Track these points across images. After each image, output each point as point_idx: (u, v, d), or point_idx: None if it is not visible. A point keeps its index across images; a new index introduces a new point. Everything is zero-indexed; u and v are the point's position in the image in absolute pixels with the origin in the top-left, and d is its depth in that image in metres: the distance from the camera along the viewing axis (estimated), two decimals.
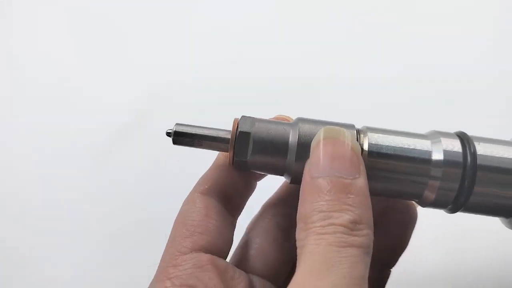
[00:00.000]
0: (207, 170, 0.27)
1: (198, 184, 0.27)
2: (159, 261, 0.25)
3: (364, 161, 0.23)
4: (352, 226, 0.20)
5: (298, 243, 0.21)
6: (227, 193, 0.26)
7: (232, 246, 0.27)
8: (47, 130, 0.52)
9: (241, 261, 0.27)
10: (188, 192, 0.26)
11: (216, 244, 0.24)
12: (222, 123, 0.25)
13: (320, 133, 0.23)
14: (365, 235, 0.21)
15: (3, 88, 0.56)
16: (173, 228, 0.25)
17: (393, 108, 0.51)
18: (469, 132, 0.25)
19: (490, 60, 0.53)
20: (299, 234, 0.22)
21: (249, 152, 0.24)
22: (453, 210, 0.24)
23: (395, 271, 0.31)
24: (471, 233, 0.41)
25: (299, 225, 0.22)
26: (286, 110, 0.51)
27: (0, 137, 0.52)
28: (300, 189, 0.23)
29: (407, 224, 0.29)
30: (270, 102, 0.52)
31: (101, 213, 0.47)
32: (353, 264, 0.20)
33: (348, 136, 0.23)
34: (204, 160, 0.28)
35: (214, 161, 0.27)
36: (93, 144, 0.51)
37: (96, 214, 0.47)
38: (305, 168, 0.23)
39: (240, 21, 0.59)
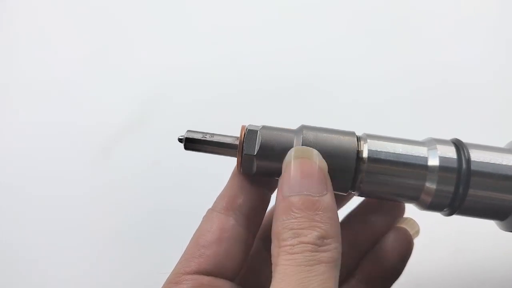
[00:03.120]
0: (224, 188, 0.28)
1: (216, 202, 0.28)
2: (160, 260, 0.26)
3: (364, 166, 0.24)
4: (320, 242, 0.22)
5: (272, 260, 0.23)
6: (244, 209, 0.27)
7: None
8: (47, 130, 0.52)
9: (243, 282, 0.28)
10: (189, 192, 0.27)
11: (223, 267, 0.25)
12: (222, 123, 0.26)
13: (291, 153, 0.24)
14: (333, 249, 0.22)
15: (3, 88, 0.56)
16: (188, 244, 0.26)
17: (392, 106, 0.51)
18: (466, 130, 0.25)
19: (489, 59, 0.53)
20: (273, 250, 0.23)
21: (256, 147, 0.25)
22: (449, 213, 0.26)
23: None
24: (471, 234, 0.41)
25: (273, 242, 0.23)
26: (286, 109, 0.51)
27: (0, 136, 0.52)
28: (274, 207, 0.24)
29: (403, 254, 0.31)
30: (270, 101, 0.52)
31: (101, 213, 0.47)
32: (322, 281, 0.21)
33: (316, 156, 0.24)
34: (205, 159, 0.28)
35: (229, 178, 0.28)
36: (93, 144, 0.51)
37: (96, 213, 0.47)
38: (278, 187, 0.24)
39: (239, 21, 0.59)
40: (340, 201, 0.31)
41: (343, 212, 0.32)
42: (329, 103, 0.52)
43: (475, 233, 0.40)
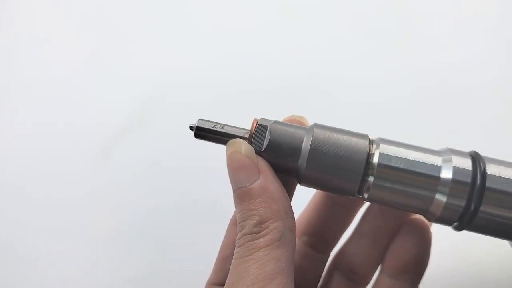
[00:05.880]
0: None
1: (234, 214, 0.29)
2: (160, 260, 0.27)
3: (374, 171, 0.24)
4: (257, 230, 0.23)
5: None
6: None
7: None
8: (47, 130, 0.52)
9: None
10: (188, 192, 0.27)
11: None
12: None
13: (226, 149, 0.25)
14: (272, 230, 0.22)
15: (3, 88, 0.56)
16: (218, 253, 0.29)
17: (392, 106, 0.51)
18: (466, 130, 0.25)
19: (489, 59, 0.53)
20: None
21: (264, 143, 0.25)
22: (458, 228, 0.25)
23: None
24: (472, 234, 0.41)
25: None
26: (286, 109, 0.51)
27: (0, 136, 0.52)
28: None
29: (422, 243, 0.30)
30: (270, 101, 0.52)
31: (101, 213, 0.47)
32: (260, 266, 0.22)
33: (241, 144, 0.24)
34: (204, 159, 0.28)
35: None
36: (93, 144, 0.51)
37: (96, 214, 0.47)
38: None
39: (239, 21, 0.59)
40: (353, 207, 0.31)
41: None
42: (329, 103, 0.52)
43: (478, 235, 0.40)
